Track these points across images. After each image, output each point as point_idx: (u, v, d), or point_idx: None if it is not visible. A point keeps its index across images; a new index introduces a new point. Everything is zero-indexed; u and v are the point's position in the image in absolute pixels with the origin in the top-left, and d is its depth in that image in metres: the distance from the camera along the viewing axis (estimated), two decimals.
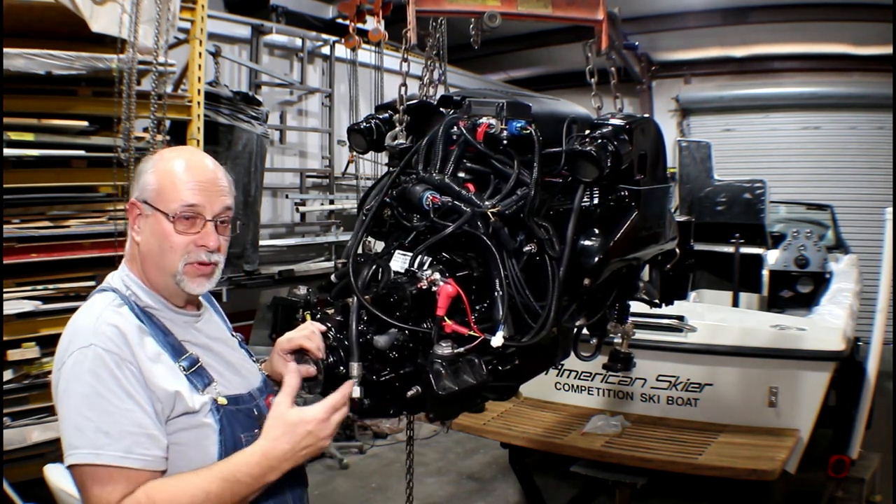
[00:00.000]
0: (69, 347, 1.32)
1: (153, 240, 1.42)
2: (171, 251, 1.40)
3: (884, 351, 3.90)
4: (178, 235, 1.40)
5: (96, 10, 3.36)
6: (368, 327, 1.46)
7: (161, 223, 1.40)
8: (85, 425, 1.27)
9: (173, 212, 1.40)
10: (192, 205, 1.40)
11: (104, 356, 1.29)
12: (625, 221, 1.63)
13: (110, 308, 1.37)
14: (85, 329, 1.33)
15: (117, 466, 1.26)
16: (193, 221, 1.41)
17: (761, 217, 5.74)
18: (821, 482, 3.83)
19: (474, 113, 1.68)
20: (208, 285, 1.46)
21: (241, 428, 1.40)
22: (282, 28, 6.39)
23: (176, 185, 1.41)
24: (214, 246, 1.43)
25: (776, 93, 9.65)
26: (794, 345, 3.44)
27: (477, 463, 4.96)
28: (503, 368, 1.49)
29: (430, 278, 1.41)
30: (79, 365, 1.29)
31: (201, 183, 1.43)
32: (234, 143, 4.98)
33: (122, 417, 1.28)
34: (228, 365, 1.49)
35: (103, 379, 1.28)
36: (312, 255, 6.60)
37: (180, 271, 1.41)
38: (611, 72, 1.85)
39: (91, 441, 1.26)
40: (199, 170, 1.45)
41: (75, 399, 1.28)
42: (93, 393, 1.28)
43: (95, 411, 1.27)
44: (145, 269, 1.45)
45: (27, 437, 3.30)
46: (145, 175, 1.44)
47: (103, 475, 1.26)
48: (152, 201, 1.41)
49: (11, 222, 3.37)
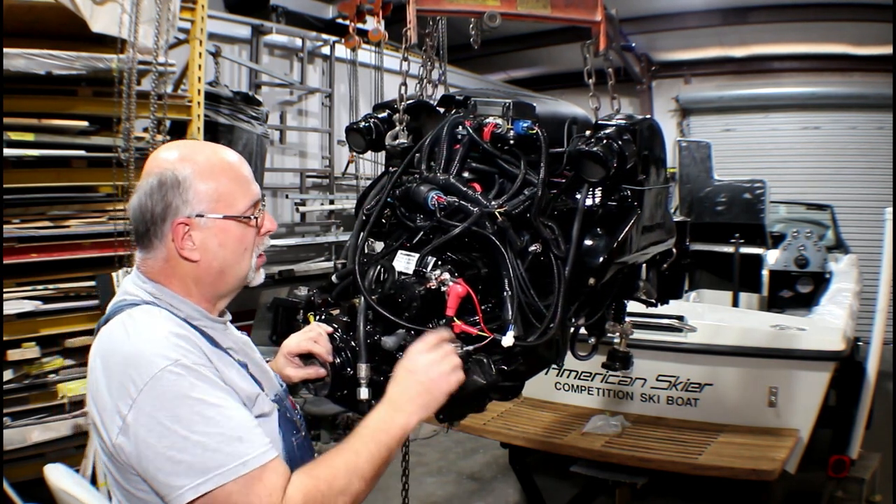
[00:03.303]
0: (135, 379, 1.16)
1: (223, 250, 1.32)
2: (246, 252, 1.35)
3: (884, 351, 3.90)
4: (252, 231, 1.35)
5: (96, 10, 3.36)
6: (375, 328, 1.46)
7: (232, 229, 1.33)
8: (210, 443, 1.13)
9: (244, 212, 1.34)
10: (256, 199, 1.36)
11: (189, 367, 1.18)
12: (628, 221, 1.64)
13: (160, 318, 1.26)
14: (147, 352, 1.18)
15: (266, 463, 1.17)
16: (256, 212, 1.37)
17: (761, 217, 5.74)
18: (821, 482, 3.83)
19: (479, 113, 1.68)
20: (263, 272, 1.43)
21: (288, 432, 1.38)
22: (282, 28, 6.40)
23: (234, 189, 1.33)
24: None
25: (776, 93, 9.65)
26: (794, 345, 3.44)
27: (477, 463, 4.96)
28: (509, 368, 1.49)
29: (440, 278, 1.40)
30: (163, 391, 1.15)
31: (246, 176, 1.37)
32: (234, 143, 4.97)
33: (242, 418, 1.20)
34: (261, 368, 1.47)
35: (203, 388, 1.17)
36: (312, 255, 6.61)
37: (253, 267, 1.38)
38: (608, 73, 1.85)
39: (229, 454, 1.14)
40: (237, 164, 1.38)
41: (183, 424, 1.13)
42: (200, 408, 1.15)
43: (214, 424, 1.15)
44: (208, 282, 1.34)
45: (27, 437, 3.30)
46: (189, 191, 1.29)
47: (254, 479, 1.14)
48: (213, 211, 1.31)
49: (11, 222, 3.37)
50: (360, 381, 1.43)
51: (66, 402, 3.44)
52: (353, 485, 1.21)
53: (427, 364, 1.33)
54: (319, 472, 1.21)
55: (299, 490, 1.17)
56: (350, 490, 1.21)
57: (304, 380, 1.54)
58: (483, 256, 1.53)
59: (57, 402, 3.46)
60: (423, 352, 1.35)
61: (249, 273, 1.38)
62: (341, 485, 1.20)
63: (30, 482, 3.00)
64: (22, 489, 3.02)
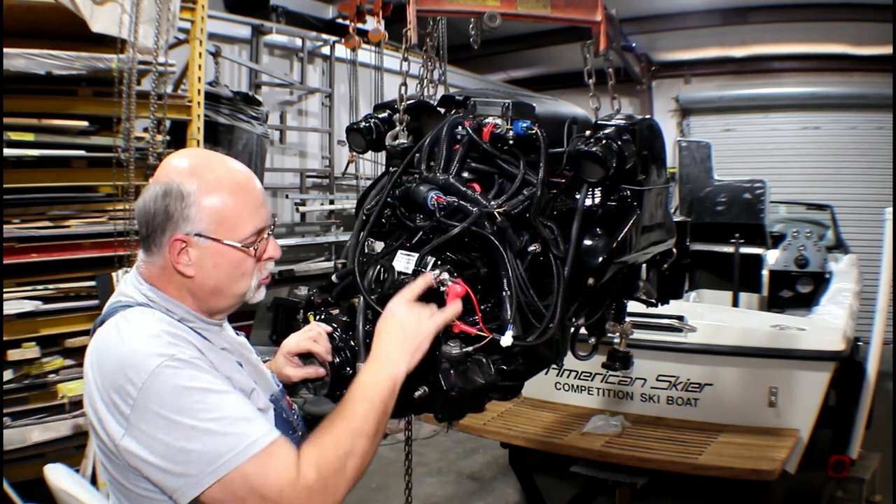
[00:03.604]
0: (133, 379, 1.16)
1: (218, 272, 1.31)
2: (244, 277, 1.34)
3: (884, 351, 3.90)
4: (250, 259, 1.34)
5: (96, 11, 3.37)
6: (374, 327, 1.46)
7: (229, 254, 1.31)
8: (218, 427, 1.14)
9: (244, 241, 1.32)
10: (261, 227, 1.34)
11: (184, 360, 1.18)
12: (627, 221, 1.63)
13: (153, 319, 1.26)
14: (141, 352, 1.18)
15: (275, 440, 1.17)
16: (258, 240, 1.35)
17: (761, 217, 5.74)
18: (821, 482, 3.83)
19: (479, 113, 1.68)
20: (264, 289, 1.43)
21: (282, 431, 1.36)
22: (282, 28, 6.40)
23: (240, 213, 1.31)
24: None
25: (776, 93, 9.65)
26: (794, 345, 3.44)
27: (477, 463, 4.96)
28: (508, 368, 1.49)
29: (439, 278, 1.40)
30: (163, 387, 1.15)
31: (258, 198, 1.35)
32: (234, 143, 4.98)
33: (244, 402, 1.21)
34: (256, 368, 1.47)
35: (201, 378, 1.18)
36: (312, 255, 6.61)
37: (253, 288, 1.37)
38: (608, 73, 1.85)
39: (238, 434, 1.14)
40: (249, 185, 1.35)
41: (188, 415, 1.14)
42: (202, 396, 1.16)
43: (219, 409, 1.16)
44: (202, 297, 1.34)
45: (27, 437, 3.30)
46: (195, 206, 1.28)
47: (268, 455, 1.15)
48: (213, 234, 1.29)
49: (11, 222, 3.38)
50: None
51: (66, 402, 3.44)
52: (358, 444, 1.22)
53: (406, 311, 1.33)
54: (323, 441, 1.22)
55: (310, 461, 1.18)
56: (356, 450, 1.22)
57: (304, 379, 1.54)
58: (482, 256, 1.53)
59: (57, 402, 3.47)
60: (400, 302, 1.35)
61: (249, 293, 1.37)
62: (346, 447, 1.21)
63: (30, 482, 3.01)
64: (22, 489, 3.02)
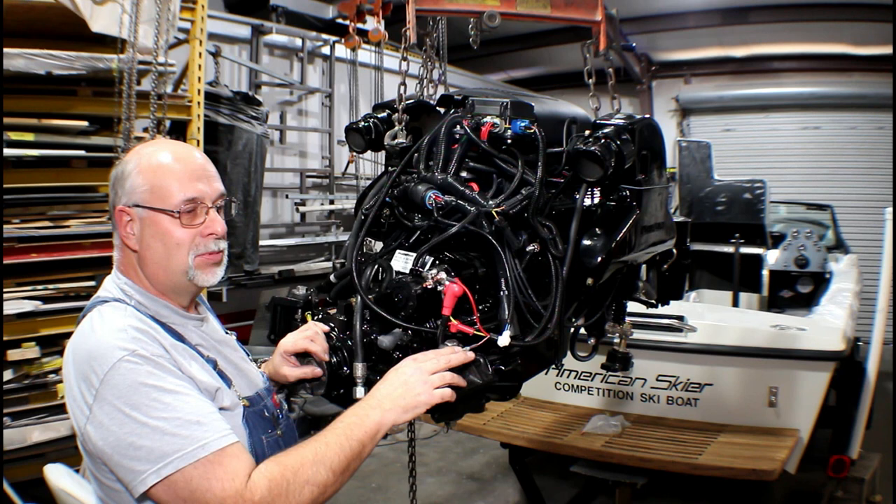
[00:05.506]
0: (96, 370, 1.20)
1: (155, 242, 1.35)
2: (178, 248, 1.35)
3: (884, 351, 3.90)
4: (184, 230, 1.35)
5: (96, 10, 3.36)
6: (371, 327, 1.46)
7: (162, 223, 1.35)
8: (168, 427, 1.16)
9: (175, 207, 1.34)
10: (193, 197, 1.36)
11: (146, 357, 1.21)
12: (627, 221, 1.63)
13: (124, 315, 1.30)
14: (107, 344, 1.22)
15: (225, 448, 1.18)
16: (196, 213, 1.36)
17: (761, 217, 5.74)
18: (821, 482, 3.83)
19: (477, 112, 1.68)
20: (220, 272, 1.42)
21: (261, 429, 1.38)
22: (282, 28, 6.40)
23: (171, 180, 1.35)
24: (223, 232, 1.41)
25: (776, 93, 9.65)
26: (793, 345, 3.44)
27: (477, 463, 4.96)
28: (506, 368, 1.49)
29: (436, 278, 1.40)
30: (122, 380, 1.18)
31: (195, 171, 1.38)
32: (234, 143, 4.98)
33: (200, 404, 1.21)
34: (236, 367, 1.47)
35: (160, 376, 1.20)
36: (312, 255, 6.61)
37: (191, 265, 1.37)
38: (608, 72, 1.85)
39: (187, 437, 1.16)
40: (188, 159, 1.39)
41: (141, 411, 1.17)
42: (157, 395, 1.18)
43: (171, 409, 1.17)
44: (149, 274, 1.38)
45: (27, 437, 3.30)
46: (130, 178, 1.36)
47: (214, 463, 1.16)
48: (147, 203, 1.35)
49: (11, 222, 3.37)
50: (357, 380, 1.43)
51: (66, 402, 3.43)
52: (319, 474, 1.21)
53: (417, 371, 1.33)
54: (287, 460, 1.22)
55: (264, 476, 1.18)
56: (317, 479, 1.21)
57: (301, 379, 1.54)
58: (481, 256, 1.53)
59: (57, 402, 3.46)
60: (419, 359, 1.35)
61: (189, 270, 1.37)
62: (308, 473, 1.20)
63: (30, 482, 3.01)
64: (22, 489, 3.02)
